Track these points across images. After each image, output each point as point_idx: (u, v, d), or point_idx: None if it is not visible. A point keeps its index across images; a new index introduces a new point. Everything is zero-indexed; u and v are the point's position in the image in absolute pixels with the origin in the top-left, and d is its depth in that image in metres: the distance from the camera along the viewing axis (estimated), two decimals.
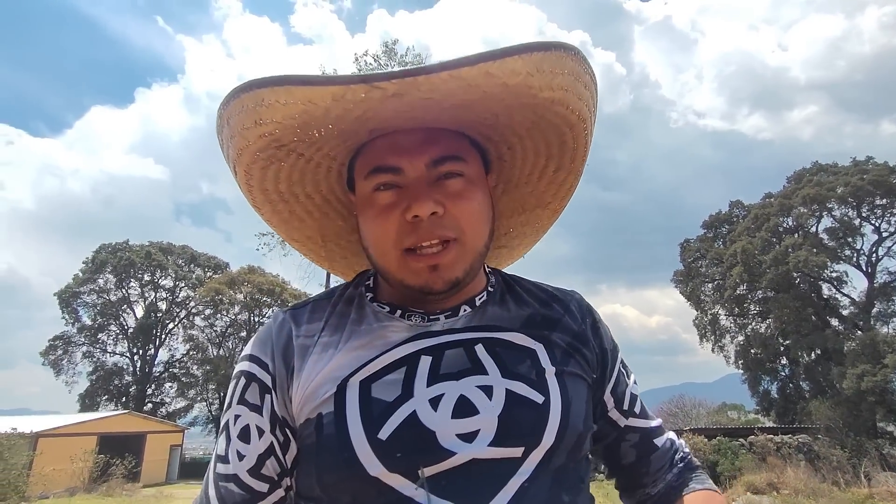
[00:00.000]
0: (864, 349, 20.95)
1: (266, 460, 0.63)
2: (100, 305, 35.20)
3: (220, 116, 0.63)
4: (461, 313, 0.69)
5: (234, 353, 35.01)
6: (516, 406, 0.60)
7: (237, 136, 0.64)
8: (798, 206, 25.38)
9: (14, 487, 11.10)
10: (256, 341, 0.70)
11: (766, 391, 27.60)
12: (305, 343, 0.67)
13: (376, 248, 0.67)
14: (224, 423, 0.67)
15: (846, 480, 11.81)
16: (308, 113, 0.58)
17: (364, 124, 0.63)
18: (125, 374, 35.10)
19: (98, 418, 23.06)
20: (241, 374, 0.67)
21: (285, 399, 0.65)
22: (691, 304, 30.09)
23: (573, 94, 0.63)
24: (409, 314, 0.68)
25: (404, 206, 0.64)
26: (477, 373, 0.62)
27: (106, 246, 35.97)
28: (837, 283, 25.34)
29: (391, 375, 0.62)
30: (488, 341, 0.66)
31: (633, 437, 0.76)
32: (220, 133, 0.66)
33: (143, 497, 15.78)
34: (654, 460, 0.76)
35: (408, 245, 0.64)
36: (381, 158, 0.66)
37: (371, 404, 0.60)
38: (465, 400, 0.60)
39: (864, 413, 19.81)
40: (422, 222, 0.63)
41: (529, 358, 0.65)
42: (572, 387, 0.66)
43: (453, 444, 0.57)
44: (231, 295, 34.35)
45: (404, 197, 0.64)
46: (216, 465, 0.65)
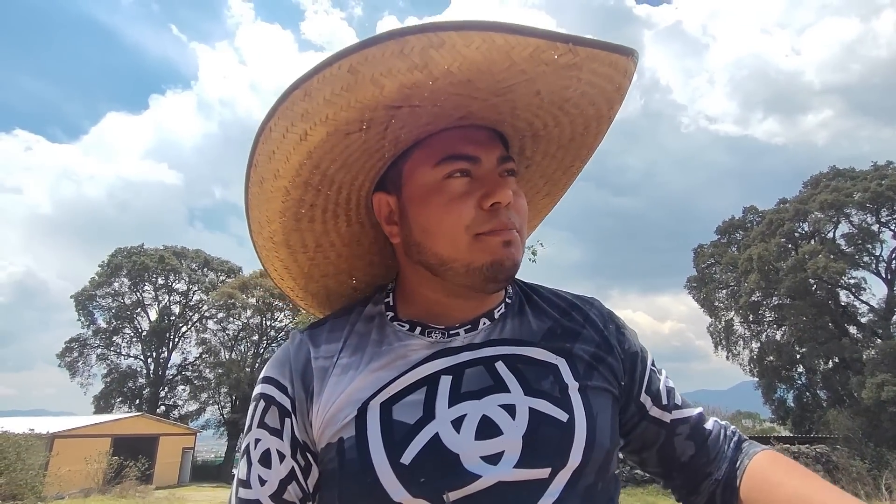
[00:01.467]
0: (884, 357, 20.48)
1: (288, 485, 0.62)
2: (115, 308, 35.70)
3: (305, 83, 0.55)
4: (480, 327, 0.68)
5: (245, 357, 35.26)
6: (541, 425, 0.59)
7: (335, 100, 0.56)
8: (815, 212, 24.98)
9: (31, 487, 11.25)
10: (275, 363, 0.69)
11: (782, 399, 27.11)
12: (324, 365, 0.66)
13: (444, 235, 0.65)
14: (245, 446, 0.66)
15: (867, 492, 11.53)
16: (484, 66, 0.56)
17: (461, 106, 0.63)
18: (139, 377, 35.52)
19: (112, 420, 23.36)
20: (261, 397, 0.67)
21: (305, 423, 0.64)
22: (705, 311, 29.72)
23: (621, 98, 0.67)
24: (429, 331, 0.67)
25: (482, 194, 0.64)
26: (499, 391, 0.61)
27: (121, 250, 36.51)
28: (856, 290, 24.88)
29: (412, 396, 0.61)
30: (509, 357, 0.65)
31: (684, 429, 0.72)
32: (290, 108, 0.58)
33: (155, 499, 15.91)
34: (711, 445, 0.72)
35: (484, 230, 0.64)
36: (457, 147, 0.66)
37: (392, 427, 0.59)
38: (488, 420, 0.59)
39: (885, 423, 19.34)
40: (500, 210, 0.64)
41: (552, 374, 0.64)
42: (597, 402, 0.64)
43: (478, 466, 0.56)
44: (243, 299, 34.61)
45: (479, 186, 0.65)
46: (238, 489, 0.64)
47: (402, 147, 0.68)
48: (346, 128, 0.60)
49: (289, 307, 34.91)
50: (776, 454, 0.69)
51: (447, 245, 0.65)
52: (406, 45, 0.52)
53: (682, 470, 0.72)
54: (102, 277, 35.36)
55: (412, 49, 0.52)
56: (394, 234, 0.71)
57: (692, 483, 0.72)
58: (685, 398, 0.76)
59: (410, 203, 0.68)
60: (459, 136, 0.66)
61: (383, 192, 0.71)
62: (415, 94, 0.57)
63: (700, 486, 0.71)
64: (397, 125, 0.63)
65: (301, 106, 0.57)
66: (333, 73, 0.54)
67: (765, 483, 0.65)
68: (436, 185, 0.66)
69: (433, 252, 0.66)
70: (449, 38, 0.51)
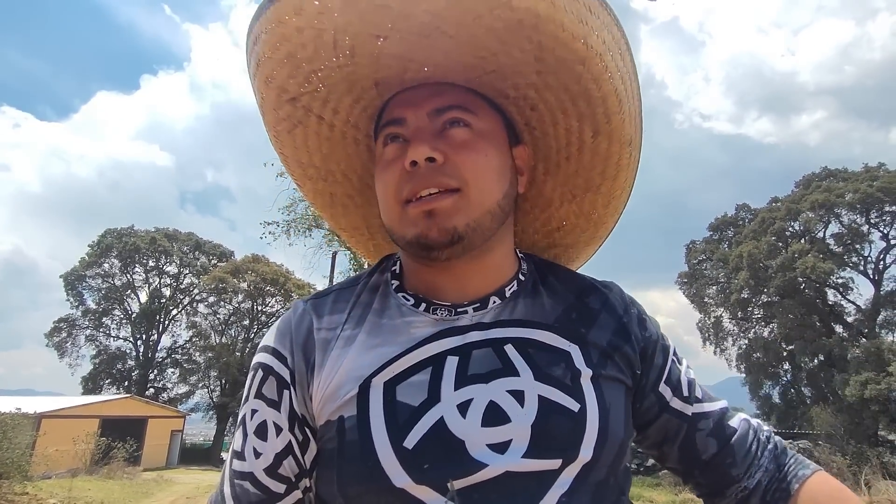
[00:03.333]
0: (868, 357, 20.80)
1: (283, 460, 0.60)
2: (104, 289, 35.38)
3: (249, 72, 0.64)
4: (490, 305, 0.65)
5: (236, 341, 35.19)
6: (550, 414, 0.56)
7: (255, 92, 0.64)
8: (806, 211, 25.18)
9: (17, 466, 11.18)
10: (276, 332, 0.66)
11: (767, 396, 27.51)
12: (327, 337, 0.63)
13: (383, 204, 0.65)
14: (241, 417, 0.63)
15: None
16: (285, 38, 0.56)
17: (360, 66, 0.61)
18: (128, 359, 35.33)
19: (101, 401, 23.27)
20: (259, 367, 0.64)
21: (305, 396, 0.61)
22: (695, 307, 29.98)
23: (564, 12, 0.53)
24: (435, 307, 0.64)
25: (405, 155, 0.61)
26: (507, 374, 0.58)
27: (112, 231, 36.11)
28: (843, 290, 25.19)
29: (417, 377, 0.58)
30: (519, 341, 0.61)
31: (706, 423, 0.67)
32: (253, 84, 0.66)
33: (143, 481, 15.91)
34: (738, 446, 0.67)
35: (406, 195, 0.61)
36: (390, 112, 0.65)
37: (396, 408, 0.56)
38: (496, 406, 0.56)
39: (867, 421, 19.70)
40: (419, 169, 0.60)
41: (564, 361, 0.61)
42: (610, 393, 0.61)
43: (484, 454, 0.54)
44: (235, 283, 34.43)
45: (407, 147, 0.62)
46: (232, 460, 0.62)
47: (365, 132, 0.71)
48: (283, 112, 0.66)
49: (280, 293, 34.82)
50: (827, 479, 0.64)
51: (386, 213, 0.65)
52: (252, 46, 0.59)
53: (704, 469, 0.68)
54: (92, 258, 35.00)
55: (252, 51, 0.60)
56: None
57: (716, 485, 0.67)
58: (709, 391, 0.72)
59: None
60: (398, 101, 0.65)
61: None
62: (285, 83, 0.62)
63: (726, 490, 0.66)
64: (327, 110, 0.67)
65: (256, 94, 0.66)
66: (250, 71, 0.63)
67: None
68: (379, 153, 0.66)
69: (385, 223, 0.66)
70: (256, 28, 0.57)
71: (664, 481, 15.65)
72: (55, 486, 11.93)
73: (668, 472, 16.77)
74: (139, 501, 12.34)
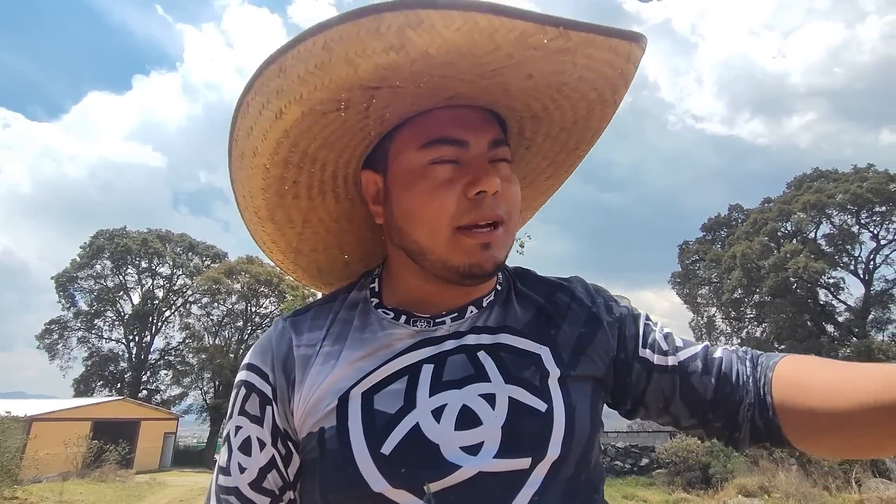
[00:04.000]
0: (859, 356, 21.01)
1: (267, 473, 0.62)
2: (96, 291, 35.15)
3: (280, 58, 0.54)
4: (467, 314, 0.67)
5: (230, 343, 35.05)
6: (519, 416, 0.58)
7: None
8: (797, 212, 25.42)
9: (7, 470, 11.09)
10: (257, 350, 0.68)
11: None
12: (307, 353, 0.65)
13: (426, 225, 0.63)
14: (226, 433, 0.65)
15: (837, 486, 11.86)
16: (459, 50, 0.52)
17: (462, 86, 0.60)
18: (120, 361, 35.09)
19: (92, 404, 23.09)
20: (242, 384, 0.66)
21: (286, 411, 0.63)
22: (688, 306, 30.18)
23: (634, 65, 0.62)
24: (415, 320, 0.66)
25: (467, 181, 0.61)
26: (479, 380, 0.60)
27: (103, 232, 35.87)
28: (834, 290, 25.46)
29: (393, 386, 0.60)
30: (491, 347, 0.63)
31: (696, 366, 0.66)
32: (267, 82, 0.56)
33: (136, 483, 15.82)
34: (728, 371, 0.65)
35: (465, 222, 0.61)
36: (444, 130, 0.62)
37: (374, 417, 0.58)
38: (468, 410, 0.58)
39: None
40: (485, 199, 0.61)
41: (533, 363, 0.63)
42: (576, 391, 0.63)
43: (458, 457, 0.56)
44: (228, 284, 34.31)
45: (465, 173, 0.62)
46: (218, 476, 0.64)
47: (388, 126, 0.65)
48: (322, 107, 0.57)
49: (274, 294, 34.71)
50: (794, 357, 0.64)
51: (427, 235, 0.63)
52: (382, 22, 0.49)
53: (714, 409, 0.64)
54: (84, 259, 34.76)
55: (388, 28, 0.49)
56: (378, 215, 0.70)
57: (729, 418, 0.64)
58: (689, 339, 0.71)
59: (395, 185, 0.66)
60: (449, 118, 0.63)
61: (371, 171, 0.69)
62: (393, 75, 0.55)
63: (737, 418, 0.63)
64: (380, 104, 0.60)
65: (276, 83, 0.55)
66: (308, 48, 0.52)
67: (795, 389, 0.59)
68: (420, 170, 0.63)
69: (413, 239, 0.65)
70: (428, 18, 0.48)
71: (658, 481, 15.73)
72: (46, 490, 11.84)
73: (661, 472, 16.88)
74: None
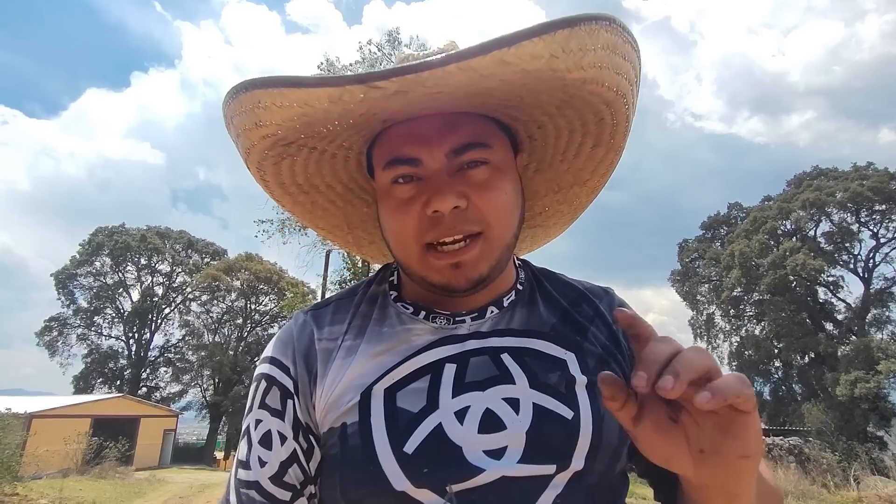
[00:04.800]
0: (857, 354, 21.07)
1: (289, 468, 0.61)
2: (96, 288, 35.14)
3: (224, 115, 0.60)
4: (488, 315, 0.66)
5: (229, 340, 35.08)
6: (545, 422, 0.58)
7: (241, 136, 0.61)
8: (797, 210, 25.43)
9: (7, 467, 11.07)
10: (277, 343, 0.67)
11: (759, 393, 27.80)
12: (328, 347, 0.65)
13: (396, 243, 0.64)
14: (245, 427, 0.64)
15: (836, 483, 11.89)
16: (306, 115, 0.54)
17: (373, 118, 0.59)
18: (120, 358, 35.13)
19: (92, 401, 23.09)
20: (262, 378, 0.65)
21: (308, 405, 0.63)
22: (687, 304, 30.22)
23: (609, 70, 0.55)
24: (434, 316, 0.66)
25: (424, 200, 0.60)
26: (503, 382, 0.59)
27: (103, 229, 35.85)
28: (833, 288, 25.49)
29: (416, 384, 0.60)
30: (516, 350, 0.63)
31: None
32: (228, 130, 0.63)
33: (136, 480, 15.81)
34: None
35: (429, 240, 0.61)
36: (398, 149, 0.61)
37: (396, 415, 0.58)
38: (492, 414, 0.58)
39: (857, 418, 19.96)
40: (443, 217, 0.59)
41: (559, 368, 0.62)
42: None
43: (481, 460, 0.55)
44: (228, 282, 34.32)
45: (425, 189, 0.60)
46: (237, 470, 0.63)
47: (358, 150, 0.68)
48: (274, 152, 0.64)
49: (274, 291, 34.71)
50: None
51: (400, 252, 0.64)
52: (241, 103, 0.55)
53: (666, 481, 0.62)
54: (83, 256, 34.74)
55: (245, 108, 0.55)
56: None
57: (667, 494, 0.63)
58: None
59: (377, 200, 0.67)
60: (401, 134, 0.61)
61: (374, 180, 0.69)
62: (289, 136, 0.60)
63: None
64: (325, 143, 0.64)
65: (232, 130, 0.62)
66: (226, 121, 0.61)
67: None
68: (386, 189, 0.63)
69: (394, 255, 0.66)
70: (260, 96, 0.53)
71: None
72: (46, 487, 11.83)
73: None
74: (131, 501, 12.28)
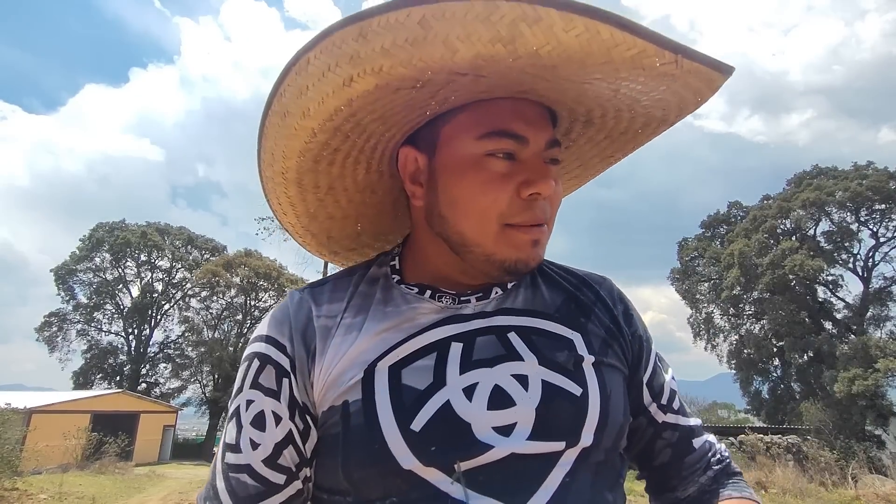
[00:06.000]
0: (856, 353, 21.09)
1: (283, 449, 0.59)
2: (96, 284, 35.10)
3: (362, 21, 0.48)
4: (492, 295, 0.66)
5: (229, 336, 35.03)
6: (554, 398, 0.58)
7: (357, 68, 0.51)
8: (797, 209, 25.42)
9: (7, 462, 11.07)
10: (272, 321, 0.65)
11: (758, 391, 27.83)
12: (327, 324, 0.63)
13: (473, 218, 0.61)
14: (234, 409, 0.61)
15: (833, 482, 11.92)
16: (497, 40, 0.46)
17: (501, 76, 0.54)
18: (119, 354, 35.11)
19: (92, 396, 23.11)
20: (255, 356, 0.62)
21: (306, 384, 0.60)
22: (686, 303, 30.21)
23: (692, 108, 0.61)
24: (440, 295, 0.65)
25: (522, 180, 0.59)
26: (512, 360, 0.59)
27: (103, 224, 35.80)
28: (833, 287, 25.50)
29: (421, 361, 0.59)
30: (522, 329, 0.63)
31: (671, 435, 0.70)
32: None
33: (135, 476, 15.83)
34: (689, 463, 0.70)
35: (515, 222, 0.60)
36: (506, 123, 0.60)
37: (402, 392, 0.57)
38: (501, 390, 0.57)
39: (855, 416, 19.99)
40: (538, 201, 0.60)
41: (567, 347, 0.62)
42: (610, 378, 0.63)
43: (490, 437, 0.55)
44: (227, 278, 34.25)
45: (520, 170, 0.60)
46: (225, 454, 0.60)
47: (447, 107, 0.62)
48: (399, 83, 0.53)
49: (273, 287, 34.69)
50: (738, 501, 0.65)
51: (473, 227, 0.61)
52: (495, 10, 0.45)
53: (652, 472, 0.72)
54: (83, 252, 34.70)
55: (501, 17, 0.45)
56: (417, 196, 0.66)
57: (658, 489, 0.72)
58: (686, 407, 0.74)
59: (443, 171, 0.63)
60: (510, 110, 0.61)
61: (412, 147, 0.65)
62: (488, 66, 0.51)
63: (663, 496, 0.71)
64: (452, 88, 0.57)
65: (351, 47, 0.49)
66: (400, 19, 0.47)
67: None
68: (474, 160, 0.60)
69: (457, 230, 0.62)
70: (547, 16, 0.45)
71: None
72: (46, 482, 11.84)
73: None
74: (131, 496, 12.29)
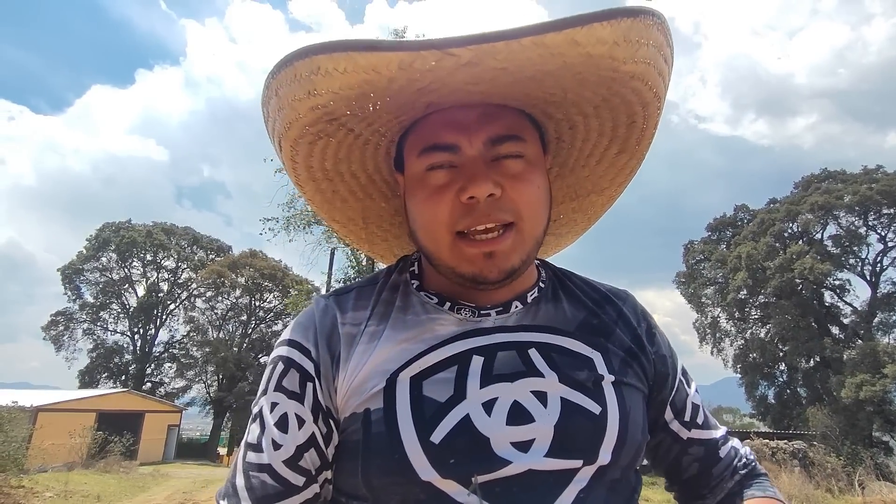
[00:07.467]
0: (863, 358, 20.91)
1: (305, 452, 0.60)
2: (102, 283, 35.30)
3: (268, 87, 0.58)
4: (513, 310, 0.66)
5: (233, 336, 35.18)
6: (573, 416, 0.58)
7: (287, 109, 0.59)
8: (805, 213, 25.25)
9: (13, 460, 11.16)
10: (297, 326, 0.66)
11: (763, 396, 27.64)
12: (351, 332, 0.64)
13: (426, 232, 0.63)
14: (257, 410, 0.63)
15: (840, 488, 11.82)
16: (370, 83, 0.52)
17: (424, 97, 0.57)
18: (125, 353, 35.28)
19: (97, 395, 23.20)
20: (279, 360, 0.64)
21: (329, 389, 0.61)
22: (692, 306, 30.07)
23: (654, 69, 0.57)
24: (459, 307, 0.65)
25: (459, 187, 0.59)
26: (531, 375, 0.60)
27: (109, 224, 36.02)
28: (840, 292, 25.32)
29: (442, 373, 0.59)
30: (543, 346, 0.63)
31: (698, 450, 0.72)
32: (267, 105, 0.61)
33: (139, 475, 15.90)
34: (716, 473, 0.72)
35: (461, 228, 0.60)
36: (437, 136, 0.61)
37: (423, 404, 0.57)
38: (520, 406, 0.58)
39: (862, 422, 19.82)
40: (478, 204, 0.59)
41: (587, 366, 0.62)
42: (630, 397, 0.63)
43: (508, 452, 0.55)
44: (232, 278, 34.41)
45: (459, 177, 0.60)
46: (246, 453, 0.61)
47: (390, 138, 0.67)
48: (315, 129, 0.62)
49: (278, 288, 34.79)
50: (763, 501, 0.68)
51: (430, 242, 0.63)
52: (296, 71, 0.53)
53: (682, 486, 0.75)
54: (90, 252, 34.92)
55: (300, 75, 0.54)
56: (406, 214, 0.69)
57: (685, 499, 0.76)
58: (711, 417, 0.75)
59: (406, 191, 0.67)
60: (441, 121, 0.61)
61: (399, 173, 0.69)
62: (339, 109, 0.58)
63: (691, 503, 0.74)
64: (364, 125, 0.63)
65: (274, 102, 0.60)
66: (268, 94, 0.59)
67: None
68: (420, 177, 0.63)
69: (422, 245, 0.65)
70: (322, 62, 0.51)
71: (660, 481, 15.67)
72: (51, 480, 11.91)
73: None
74: (135, 495, 12.34)
